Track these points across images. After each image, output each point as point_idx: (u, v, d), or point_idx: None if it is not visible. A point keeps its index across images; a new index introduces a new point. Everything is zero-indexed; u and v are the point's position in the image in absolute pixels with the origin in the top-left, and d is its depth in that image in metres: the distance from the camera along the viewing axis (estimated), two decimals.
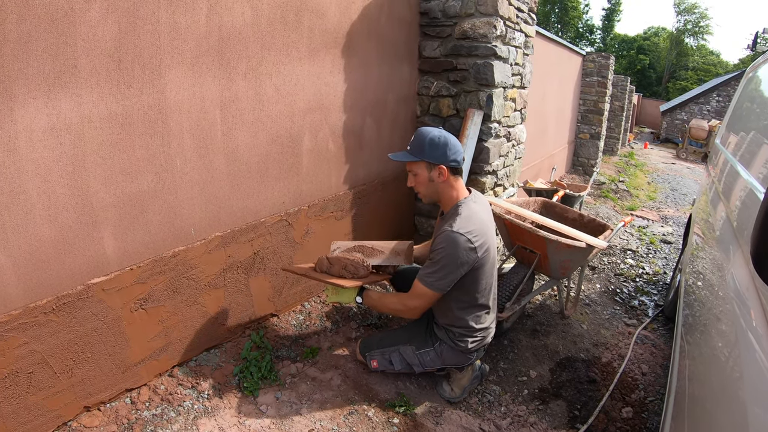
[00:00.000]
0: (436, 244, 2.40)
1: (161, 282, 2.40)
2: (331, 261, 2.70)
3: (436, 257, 2.38)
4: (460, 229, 2.33)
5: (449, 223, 2.38)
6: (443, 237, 2.36)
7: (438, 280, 2.38)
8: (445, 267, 2.35)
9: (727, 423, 1.24)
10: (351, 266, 2.67)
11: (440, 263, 2.36)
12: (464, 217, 2.40)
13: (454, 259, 2.33)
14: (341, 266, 2.67)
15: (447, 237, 2.34)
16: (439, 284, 2.38)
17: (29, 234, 1.88)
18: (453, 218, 2.40)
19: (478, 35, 3.66)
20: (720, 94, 25.70)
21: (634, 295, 4.54)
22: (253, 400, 2.52)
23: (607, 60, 10.57)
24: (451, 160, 2.42)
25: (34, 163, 1.84)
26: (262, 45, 2.62)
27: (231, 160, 2.61)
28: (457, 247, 2.32)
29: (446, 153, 2.40)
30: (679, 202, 9.89)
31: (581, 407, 2.87)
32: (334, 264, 2.68)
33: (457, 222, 2.36)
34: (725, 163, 2.91)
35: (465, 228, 2.34)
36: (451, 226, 2.35)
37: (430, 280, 2.39)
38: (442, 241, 2.35)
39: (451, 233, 2.33)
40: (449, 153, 2.41)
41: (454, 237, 2.32)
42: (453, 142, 2.43)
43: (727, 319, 1.56)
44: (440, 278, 2.37)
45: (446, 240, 2.34)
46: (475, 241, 2.36)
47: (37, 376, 2.01)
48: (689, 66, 50.15)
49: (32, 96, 1.78)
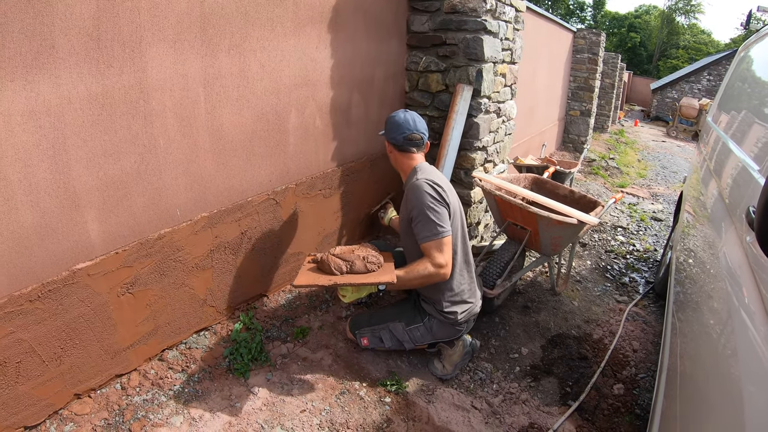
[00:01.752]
0: (408, 203, 2.55)
1: (148, 265, 2.36)
2: (345, 258, 2.50)
3: (416, 211, 2.48)
4: (419, 178, 2.52)
5: (409, 181, 2.60)
6: (409, 189, 2.55)
7: (436, 226, 2.44)
8: (429, 211, 2.44)
9: (720, 400, 1.24)
10: (372, 257, 2.51)
11: (423, 212, 2.45)
12: (422, 171, 2.60)
13: (428, 200, 2.45)
14: (363, 262, 2.49)
15: (411, 187, 2.53)
16: (439, 228, 2.44)
17: (11, 221, 1.84)
18: (412, 177, 2.60)
19: (467, 9, 3.60)
20: (711, 73, 25.65)
21: (625, 272, 4.55)
22: (243, 381, 2.51)
23: (598, 37, 10.49)
24: (390, 137, 2.68)
25: (13, 147, 1.79)
26: (246, 20, 2.56)
27: (216, 139, 2.56)
28: (423, 190, 2.47)
29: (389, 130, 2.69)
30: (670, 180, 9.91)
31: (573, 384, 2.87)
32: (355, 261, 2.48)
33: (417, 175, 2.57)
34: (717, 141, 2.90)
35: (425, 177, 2.53)
36: (415, 178, 2.55)
37: (433, 231, 2.44)
38: (411, 195, 2.51)
39: (414, 183, 2.52)
40: (390, 131, 2.68)
41: (417, 184, 2.50)
42: (397, 121, 2.66)
43: (719, 297, 1.55)
44: (436, 223, 2.44)
45: (413, 190, 2.51)
46: (436, 184, 2.50)
47: (26, 366, 2.00)
48: (680, 45, 50.07)
49: (9, 79, 1.73)
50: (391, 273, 2.43)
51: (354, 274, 2.45)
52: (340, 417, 2.37)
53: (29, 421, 2.05)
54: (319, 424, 2.31)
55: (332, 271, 2.45)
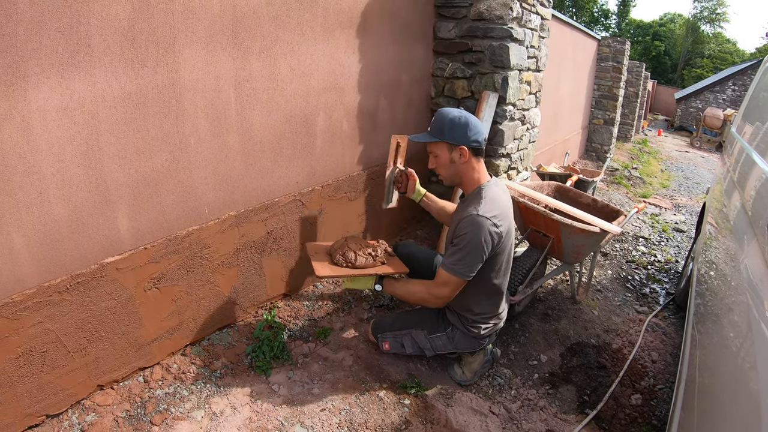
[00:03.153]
0: (460, 229, 2.34)
1: (175, 261, 2.41)
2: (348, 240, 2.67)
3: (461, 243, 2.31)
4: (486, 213, 2.28)
5: (474, 206, 2.32)
6: (468, 221, 2.29)
7: (465, 267, 2.32)
8: (471, 252, 2.30)
9: (738, 413, 1.23)
10: (369, 247, 2.62)
11: (466, 249, 2.30)
12: (488, 200, 2.34)
13: (480, 243, 2.28)
14: (357, 247, 2.63)
15: (473, 221, 2.28)
16: (465, 270, 2.32)
17: (43, 213, 1.89)
18: (477, 202, 2.34)
19: (494, 17, 3.62)
20: (736, 83, 25.25)
21: (646, 283, 4.51)
22: (265, 379, 2.54)
23: (622, 45, 10.41)
24: (473, 140, 2.36)
25: (47, 142, 1.84)
26: (277, 24, 2.60)
27: (245, 140, 2.60)
28: (482, 231, 2.26)
29: (467, 133, 2.34)
30: (693, 191, 9.79)
31: (591, 393, 2.86)
32: (349, 243, 2.64)
33: (482, 206, 2.31)
34: (741, 152, 2.87)
35: (490, 212, 2.29)
36: (476, 209, 2.29)
37: (457, 267, 2.32)
38: (467, 226, 2.29)
39: (477, 217, 2.27)
40: (470, 133, 2.34)
41: (480, 221, 2.26)
42: (474, 122, 2.36)
43: (740, 310, 1.54)
44: (467, 264, 2.31)
45: (472, 224, 2.28)
46: (500, 225, 2.32)
47: (51, 355, 2.04)
48: (705, 54, 49.34)
49: (46, 76, 1.78)
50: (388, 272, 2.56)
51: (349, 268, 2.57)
52: (359, 417, 2.39)
53: (52, 409, 2.10)
54: (338, 423, 2.33)
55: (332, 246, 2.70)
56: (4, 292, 1.84)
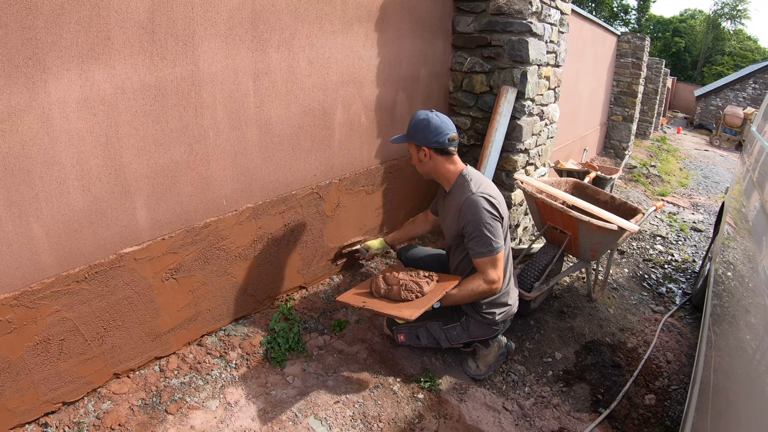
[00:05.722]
0: (464, 218, 2.44)
1: (192, 252, 2.42)
2: (388, 281, 2.51)
3: (472, 229, 2.42)
4: (477, 190, 2.44)
5: (465, 190, 2.48)
6: (467, 205, 2.43)
7: (493, 241, 2.42)
8: (486, 228, 2.41)
9: (753, 416, 1.22)
10: (412, 285, 2.46)
11: (480, 230, 2.41)
12: (475, 180, 2.51)
13: (489, 217, 2.40)
14: (400, 288, 2.46)
15: (470, 203, 2.42)
16: (495, 243, 2.42)
17: (62, 203, 1.91)
18: (465, 185, 2.50)
19: (513, 11, 3.59)
20: (757, 81, 24.80)
21: (662, 282, 4.47)
22: (280, 370, 2.56)
23: (642, 41, 10.29)
24: (433, 141, 2.47)
25: (67, 133, 1.86)
26: (296, 17, 2.60)
27: (263, 132, 2.61)
28: (483, 206, 2.40)
29: (427, 135, 2.47)
30: (711, 190, 9.68)
31: (605, 391, 2.85)
32: (392, 284, 2.48)
33: (471, 185, 2.48)
34: (761, 152, 2.83)
35: (481, 190, 2.45)
36: (470, 191, 2.45)
37: (488, 249, 2.42)
38: (467, 210, 2.43)
39: (471, 196, 2.42)
40: (430, 135, 2.47)
41: (475, 199, 2.42)
42: (435, 124, 2.47)
43: (757, 312, 1.53)
44: (493, 237, 2.41)
45: (471, 205, 2.42)
46: (493, 198, 2.46)
47: (69, 344, 2.07)
48: (726, 51, 48.62)
49: (66, 68, 1.80)
50: (419, 307, 2.34)
51: (383, 300, 2.46)
52: (372, 410, 2.40)
53: (68, 397, 2.13)
54: (352, 416, 2.34)
55: (373, 290, 2.53)
56: (23, 280, 1.87)
